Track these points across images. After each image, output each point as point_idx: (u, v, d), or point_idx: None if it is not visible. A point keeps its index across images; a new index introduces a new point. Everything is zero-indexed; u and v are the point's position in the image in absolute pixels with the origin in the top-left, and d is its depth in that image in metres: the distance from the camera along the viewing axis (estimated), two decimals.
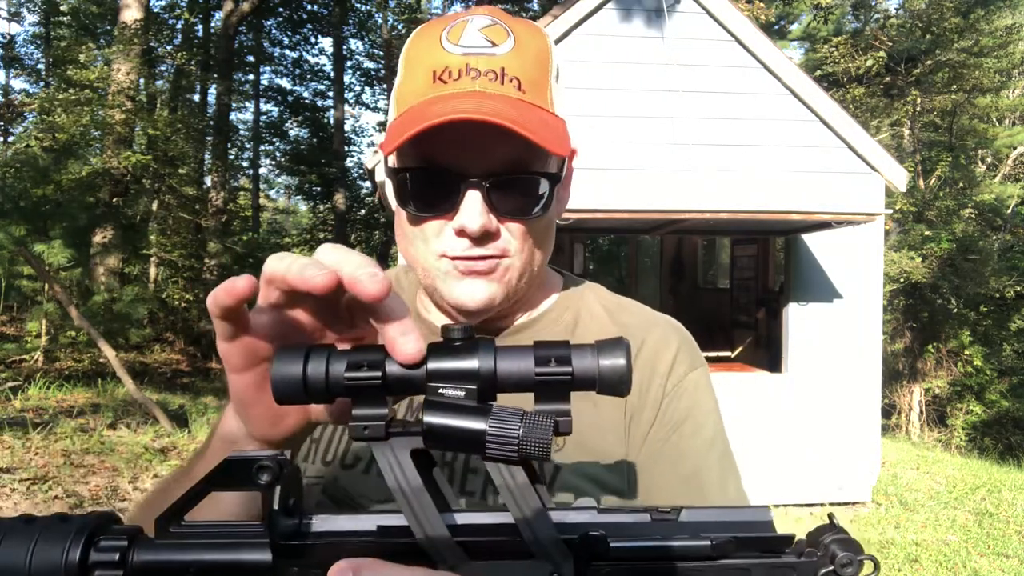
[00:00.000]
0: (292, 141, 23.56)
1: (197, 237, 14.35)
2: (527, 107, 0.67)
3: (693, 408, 0.75)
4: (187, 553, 0.47)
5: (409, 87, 0.69)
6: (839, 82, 16.05)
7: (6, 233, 7.90)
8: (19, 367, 8.03)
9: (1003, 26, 16.30)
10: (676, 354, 0.77)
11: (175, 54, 14.21)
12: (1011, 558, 5.04)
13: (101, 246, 10.42)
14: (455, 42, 0.68)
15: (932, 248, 13.52)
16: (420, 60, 0.69)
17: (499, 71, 0.67)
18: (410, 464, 0.46)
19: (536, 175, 0.69)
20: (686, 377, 0.76)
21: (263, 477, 0.45)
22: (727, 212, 5.30)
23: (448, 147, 0.66)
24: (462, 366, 0.46)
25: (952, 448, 11.64)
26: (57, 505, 4.38)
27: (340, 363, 0.46)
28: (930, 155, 17.03)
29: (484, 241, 0.69)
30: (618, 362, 0.46)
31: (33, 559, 0.44)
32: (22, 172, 10.59)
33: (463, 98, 0.64)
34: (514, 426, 0.44)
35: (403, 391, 0.47)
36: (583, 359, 0.46)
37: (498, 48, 0.68)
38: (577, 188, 0.86)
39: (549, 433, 0.44)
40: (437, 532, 0.45)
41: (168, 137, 11.89)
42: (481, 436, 0.44)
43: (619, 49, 5.93)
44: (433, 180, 0.68)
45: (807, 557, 0.45)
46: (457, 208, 0.67)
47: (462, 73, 0.66)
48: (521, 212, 0.70)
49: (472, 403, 0.45)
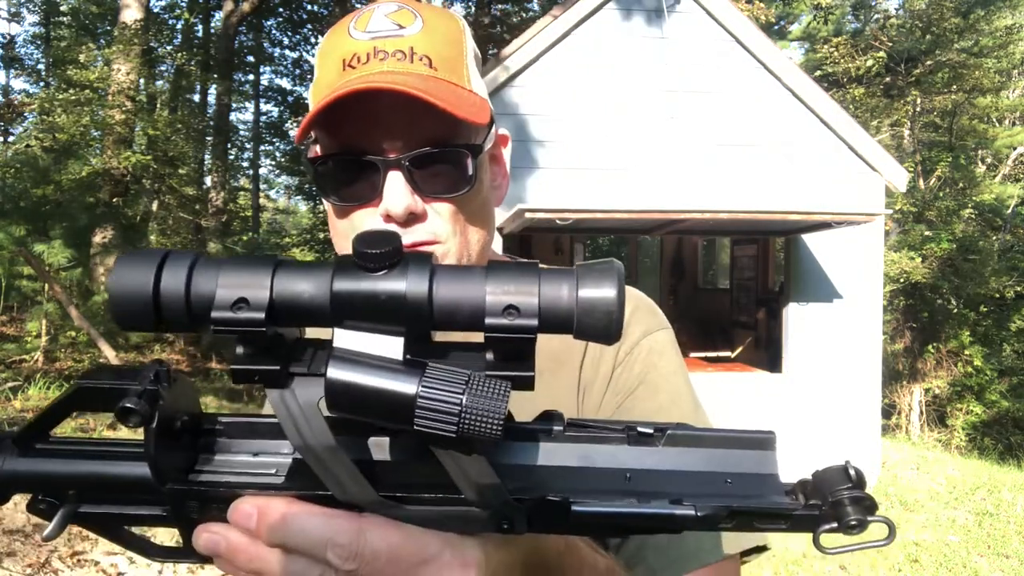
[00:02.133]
0: (292, 141, 23.56)
1: (197, 237, 14.34)
2: (439, 82, 0.64)
3: (648, 371, 0.72)
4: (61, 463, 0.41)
5: (322, 80, 0.67)
6: (839, 82, 16.05)
7: (6, 233, 7.90)
8: (19, 367, 8.02)
9: (1003, 26, 16.30)
10: (628, 321, 0.71)
11: (175, 54, 14.21)
12: (1011, 558, 5.04)
13: (101, 246, 10.41)
14: (362, 29, 0.66)
15: (932, 248, 13.51)
16: (330, 52, 0.68)
17: (407, 51, 0.64)
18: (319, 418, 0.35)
19: (458, 147, 0.65)
20: (639, 343, 0.73)
21: (131, 420, 0.36)
22: (727, 212, 5.29)
23: (363, 130, 0.64)
24: (386, 290, 0.34)
25: (952, 448, 11.63)
26: None
27: (208, 278, 0.34)
28: (930, 155, 17.03)
29: (411, 224, 0.65)
30: (606, 294, 0.34)
31: None
32: (22, 172, 10.59)
33: (370, 77, 0.62)
34: (455, 392, 0.32)
35: (303, 320, 0.35)
36: (554, 287, 0.34)
37: (405, 30, 0.66)
38: (577, 188, 0.87)
39: (503, 403, 0.32)
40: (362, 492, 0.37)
41: (168, 137, 11.89)
42: (410, 405, 0.32)
43: (619, 49, 5.93)
44: (352, 166, 0.65)
45: (808, 509, 0.38)
46: (380, 193, 0.64)
47: (370, 57, 0.64)
48: (447, 190, 0.66)
49: (396, 358, 0.34)
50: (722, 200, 5.76)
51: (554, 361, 0.70)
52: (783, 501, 0.38)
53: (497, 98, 5.83)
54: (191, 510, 0.40)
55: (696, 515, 0.37)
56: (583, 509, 0.36)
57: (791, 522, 0.38)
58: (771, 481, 0.39)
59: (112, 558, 4.05)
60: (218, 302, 0.33)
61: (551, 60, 5.85)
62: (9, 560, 3.72)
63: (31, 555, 3.83)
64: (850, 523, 0.36)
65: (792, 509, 0.38)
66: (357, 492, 0.36)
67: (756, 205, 5.74)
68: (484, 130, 0.68)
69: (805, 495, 0.39)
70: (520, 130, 5.85)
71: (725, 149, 5.97)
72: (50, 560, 3.84)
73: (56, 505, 0.42)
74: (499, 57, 5.93)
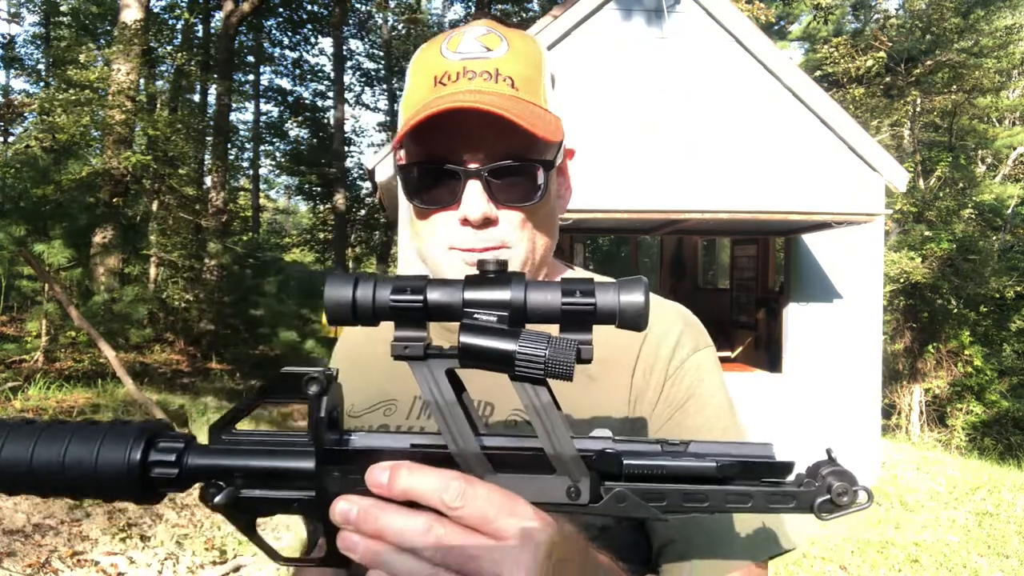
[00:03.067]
0: (292, 141, 23.56)
1: (197, 237, 14.34)
2: (520, 101, 0.71)
3: (696, 387, 0.78)
4: (235, 457, 0.52)
5: (413, 94, 0.74)
6: (839, 82, 16.04)
7: (6, 233, 7.89)
8: (19, 367, 8.02)
9: (1003, 26, 16.30)
10: (679, 338, 0.80)
11: (175, 54, 14.20)
12: (1011, 558, 5.04)
13: (101, 246, 10.41)
14: (454, 50, 0.74)
15: (932, 248, 13.51)
16: (422, 69, 0.75)
17: (493, 71, 0.71)
18: (445, 382, 0.50)
19: (532, 162, 0.72)
20: (688, 359, 0.79)
21: (312, 388, 0.50)
22: (727, 212, 5.30)
23: (448, 141, 0.71)
24: (495, 296, 0.50)
25: (952, 448, 11.63)
26: (57, 506, 4.38)
27: (386, 288, 0.50)
28: (930, 155, 17.03)
29: (485, 227, 0.72)
30: (637, 298, 0.49)
31: (99, 457, 0.50)
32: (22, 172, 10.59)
33: (459, 95, 0.69)
34: (541, 347, 0.47)
35: (442, 316, 0.51)
36: (606, 293, 0.49)
37: (492, 52, 0.73)
38: (577, 188, 0.87)
39: (572, 355, 0.47)
40: (468, 445, 0.50)
41: (168, 137, 11.88)
42: (511, 356, 0.47)
43: (619, 49, 5.93)
44: (436, 174, 0.72)
45: (806, 487, 0.50)
46: (459, 199, 0.71)
47: (459, 75, 0.71)
48: (519, 199, 0.73)
49: (504, 327, 0.49)
50: (722, 200, 5.76)
51: (607, 365, 0.76)
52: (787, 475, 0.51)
53: None
54: (334, 483, 0.51)
55: (716, 465, 0.50)
56: (631, 461, 0.50)
57: (796, 500, 0.50)
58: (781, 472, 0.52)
59: (112, 558, 4.05)
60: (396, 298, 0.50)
61: (551, 60, 5.85)
62: (9, 560, 3.72)
63: (31, 555, 3.83)
64: (838, 492, 0.49)
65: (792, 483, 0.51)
66: (464, 445, 0.50)
67: (756, 205, 5.74)
68: (556, 146, 0.75)
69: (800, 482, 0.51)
70: None
71: (725, 149, 5.97)
72: (50, 560, 3.84)
73: (222, 487, 0.51)
74: None
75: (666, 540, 0.72)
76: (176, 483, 0.52)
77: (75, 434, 0.51)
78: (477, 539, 0.46)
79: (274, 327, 13.38)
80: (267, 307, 13.32)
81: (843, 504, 0.49)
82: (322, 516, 0.51)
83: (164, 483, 0.52)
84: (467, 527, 0.46)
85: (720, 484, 0.50)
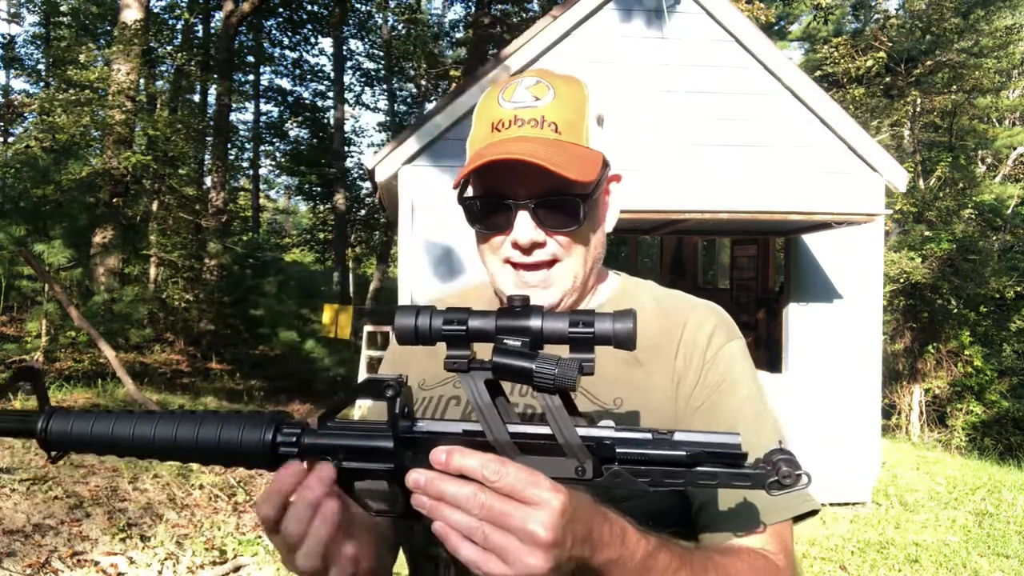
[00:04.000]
0: (292, 141, 23.55)
1: (197, 237, 14.34)
2: (561, 145, 0.85)
3: (729, 372, 0.93)
4: (337, 439, 0.71)
5: (476, 136, 0.91)
6: (839, 82, 16.04)
7: (6, 233, 7.89)
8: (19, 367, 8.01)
9: (1003, 26, 16.30)
10: (713, 330, 0.95)
11: (175, 54, 14.20)
12: (1011, 558, 5.04)
13: (101, 246, 10.41)
14: (508, 99, 0.89)
15: (932, 248, 13.51)
16: (483, 115, 0.91)
17: (540, 119, 0.86)
18: (483, 388, 0.68)
19: (569, 196, 0.86)
20: (722, 348, 0.94)
21: (388, 392, 0.68)
22: (727, 212, 5.29)
23: (502, 180, 0.86)
24: (520, 324, 0.68)
25: (952, 448, 11.63)
26: (57, 505, 4.38)
27: (439, 319, 0.69)
28: (930, 155, 17.03)
29: (534, 250, 0.88)
30: (627, 325, 0.66)
31: (243, 437, 0.71)
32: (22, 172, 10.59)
33: (510, 142, 0.85)
34: (551, 366, 0.64)
35: (480, 339, 0.68)
36: (603, 323, 0.66)
37: (540, 101, 0.87)
38: None
39: (575, 373, 0.64)
40: (501, 434, 0.68)
41: (168, 137, 11.89)
42: (530, 372, 0.64)
43: (619, 49, 5.93)
44: (492, 206, 0.89)
45: (760, 470, 0.64)
46: (512, 226, 0.87)
47: (511, 123, 0.87)
48: (563, 226, 0.88)
49: (525, 350, 0.66)
50: (722, 200, 5.76)
51: (652, 352, 0.92)
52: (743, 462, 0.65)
53: None
54: (407, 459, 0.69)
55: (684, 454, 0.65)
56: (623, 449, 0.66)
57: (751, 480, 0.64)
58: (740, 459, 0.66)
59: (112, 558, 4.05)
60: (446, 327, 0.69)
61: (551, 60, 5.85)
62: (9, 560, 3.72)
63: (31, 555, 3.83)
64: (784, 475, 0.62)
65: (749, 466, 0.65)
66: (498, 435, 0.67)
67: (756, 205, 5.73)
68: (594, 181, 0.87)
69: None
70: None
71: (725, 149, 5.97)
72: (50, 560, 3.84)
73: (330, 461, 0.70)
74: (499, 57, 5.93)
75: (703, 501, 0.86)
76: (296, 457, 0.70)
77: (224, 422, 0.72)
78: (509, 503, 0.61)
79: (274, 327, 13.37)
80: (267, 307, 13.32)
81: (788, 484, 0.62)
82: (399, 482, 0.68)
83: (287, 457, 0.70)
84: (502, 494, 0.61)
85: (691, 467, 0.65)
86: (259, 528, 5.07)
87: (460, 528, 0.62)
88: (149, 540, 4.37)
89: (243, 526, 5.08)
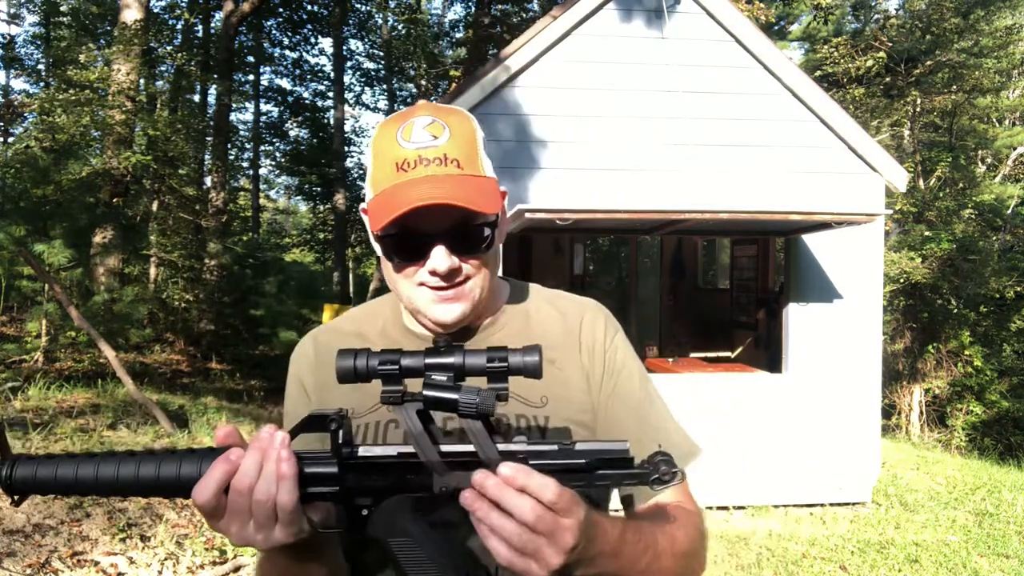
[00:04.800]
0: (292, 141, 23.55)
1: (197, 237, 14.34)
2: (466, 179, 0.93)
3: (624, 359, 1.08)
4: None
5: (379, 175, 0.96)
6: (839, 82, 16.04)
7: (6, 233, 7.89)
8: (19, 367, 8.02)
9: (1003, 26, 16.29)
10: (605, 325, 1.09)
11: (175, 54, 14.20)
12: (1011, 558, 5.04)
13: (101, 246, 10.41)
14: (407, 139, 0.94)
15: (932, 248, 13.51)
16: (384, 154, 0.96)
17: (443, 157, 0.93)
18: (415, 417, 0.78)
19: (480, 226, 0.96)
20: (614, 339, 1.09)
21: (332, 424, 0.79)
22: (727, 212, 5.29)
23: (416, 217, 0.91)
24: (445, 362, 0.79)
25: (952, 448, 11.63)
26: (57, 505, 4.38)
27: (375, 359, 0.80)
28: (930, 155, 17.02)
29: (451, 277, 0.96)
30: (534, 358, 0.78)
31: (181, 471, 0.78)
32: (22, 172, 10.59)
33: (420, 183, 0.91)
34: (473, 397, 0.75)
35: (411, 375, 0.79)
36: (514, 357, 0.78)
37: (438, 140, 0.94)
38: (577, 188, 0.96)
39: (492, 401, 0.76)
40: (432, 456, 0.78)
41: (168, 137, 11.88)
42: (455, 403, 0.75)
43: (619, 49, 5.93)
44: (409, 241, 0.95)
45: (644, 470, 0.77)
46: (427, 256, 0.94)
47: (416, 163, 0.93)
48: (474, 251, 0.97)
49: (451, 384, 0.77)
50: (722, 200, 5.75)
51: (561, 351, 1.05)
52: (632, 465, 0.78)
53: (497, 98, 5.83)
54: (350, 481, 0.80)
55: (584, 461, 0.78)
56: (534, 460, 0.77)
57: (637, 478, 0.77)
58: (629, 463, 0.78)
59: (112, 558, 4.05)
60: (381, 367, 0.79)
61: (551, 60, 5.85)
62: (9, 560, 3.72)
63: (31, 555, 3.83)
64: (663, 472, 0.76)
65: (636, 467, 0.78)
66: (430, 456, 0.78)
67: (756, 205, 5.73)
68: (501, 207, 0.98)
69: None
70: (520, 130, 5.85)
71: (725, 149, 5.97)
72: (50, 560, 3.84)
73: None
74: (499, 57, 5.93)
75: None
76: None
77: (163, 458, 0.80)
78: (549, 513, 0.71)
79: (274, 327, 13.38)
80: (267, 307, 13.32)
81: (667, 480, 0.76)
82: (344, 502, 0.81)
83: None
84: (545, 507, 0.71)
85: (591, 472, 0.78)
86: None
87: (505, 532, 0.71)
88: (149, 540, 4.38)
89: None
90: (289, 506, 0.75)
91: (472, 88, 5.77)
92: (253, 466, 0.75)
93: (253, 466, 0.75)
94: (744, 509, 5.84)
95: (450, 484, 0.77)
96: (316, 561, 0.87)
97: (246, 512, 0.76)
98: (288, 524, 0.76)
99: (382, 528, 0.80)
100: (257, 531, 0.77)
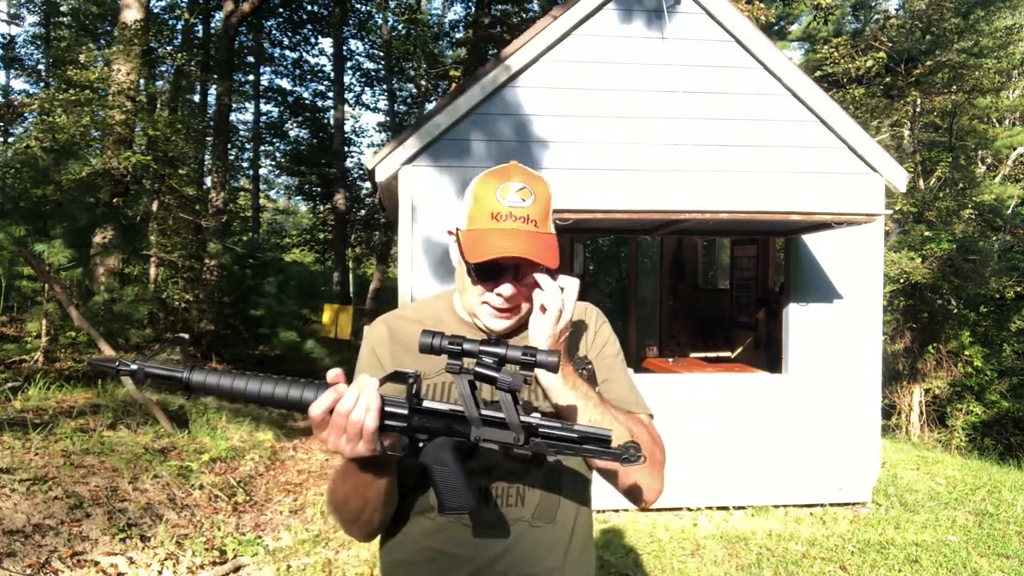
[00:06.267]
0: (292, 141, 23.54)
1: (197, 237, 14.33)
2: (539, 237, 1.28)
3: (614, 346, 1.49)
4: None
5: (477, 215, 1.30)
6: (839, 83, 16.04)
7: (6, 233, 7.89)
8: (19, 367, 8.01)
9: (1003, 27, 16.28)
10: (596, 319, 1.50)
11: (175, 54, 14.18)
12: (1011, 558, 5.04)
13: (101, 246, 10.40)
14: (504, 198, 1.28)
15: (932, 249, 13.50)
16: (483, 201, 1.30)
17: (526, 217, 1.27)
18: (467, 385, 1.11)
19: (538, 268, 1.29)
20: (603, 328, 1.50)
21: (410, 379, 1.12)
22: (727, 212, 5.29)
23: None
24: (494, 350, 1.10)
25: (952, 449, 11.62)
26: (57, 505, 4.38)
27: (446, 340, 1.11)
28: (930, 155, 17.01)
29: (510, 301, 1.32)
30: (553, 359, 1.09)
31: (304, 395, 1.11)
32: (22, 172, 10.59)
33: (508, 235, 1.26)
34: (508, 377, 1.07)
35: (468, 356, 1.10)
36: (541, 356, 1.09)
37: (525, 203, 1.28)
38: (578, 188, 1.00)
39: (521, 382, 1.07)
40: (474, 414, 1.13)
41: (168, 137, 11.87)
42: (496, 379, 1.08)
43: (619, 49, 5.93)
44: (488, 270, 1.30)
45: (617, 451, 1.08)
46: (498, 283, 1.31)
47: (507, 217, 1.27)
48: (531, 286, 1.30)
49: (495, 366, 1.09)
50: (722, 200, 5.75)
51: (576, 337, 1.45)
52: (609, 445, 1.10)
53: (498, 98, 5.83)
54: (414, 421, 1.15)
55: (576, 435, 1.11)
56: (543, 430, 1.12)
57: (611, 456, 1.08)
58: (607, 443, 1.10)
59: (112, 558, 4.05)
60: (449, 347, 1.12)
61: (551, 60, 5.85)
62: (9, 560, 3.72)
63: (31, 555, 3.83)
64: (632, 452, 1.07)
65: (614, 449, 1.09)
66: (472, 414, 1.14)
67: (756, 205, 5.73)
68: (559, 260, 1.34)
69: None
70: (520, 130, 5.85)
71: (725, 149, 5.97)
72: (50, 560, 3.84)
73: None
74: (499, 57, 5.93)
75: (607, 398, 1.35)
76: None
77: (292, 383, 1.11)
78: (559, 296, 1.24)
79: (274, 327, 13.37)
80: (267, 307, 13.32)
81: (632, 460, 1.07)
82: (408, 434, 1.14)
83: None
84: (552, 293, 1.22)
85: (580, 444, 1.11)
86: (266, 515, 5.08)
87: (547, 302, 1.21)
88: (149, 540, 4.37)
89: (243, 526, 5.08)
90: (372, 428, 1.07)
91: (472, 88, 5.77)
92: (352, 397, 1.06)
93: (352, 397, 1.06)
94: (744, 509, 5.84)
95: (482, 436, 1.12)
96: (379, 476, 1.19)
97: (341, 428, 1.07)
98: (368, 442, 1.08)
99: (430, 457, 1.14)
100: (346, 443, 1.07)
